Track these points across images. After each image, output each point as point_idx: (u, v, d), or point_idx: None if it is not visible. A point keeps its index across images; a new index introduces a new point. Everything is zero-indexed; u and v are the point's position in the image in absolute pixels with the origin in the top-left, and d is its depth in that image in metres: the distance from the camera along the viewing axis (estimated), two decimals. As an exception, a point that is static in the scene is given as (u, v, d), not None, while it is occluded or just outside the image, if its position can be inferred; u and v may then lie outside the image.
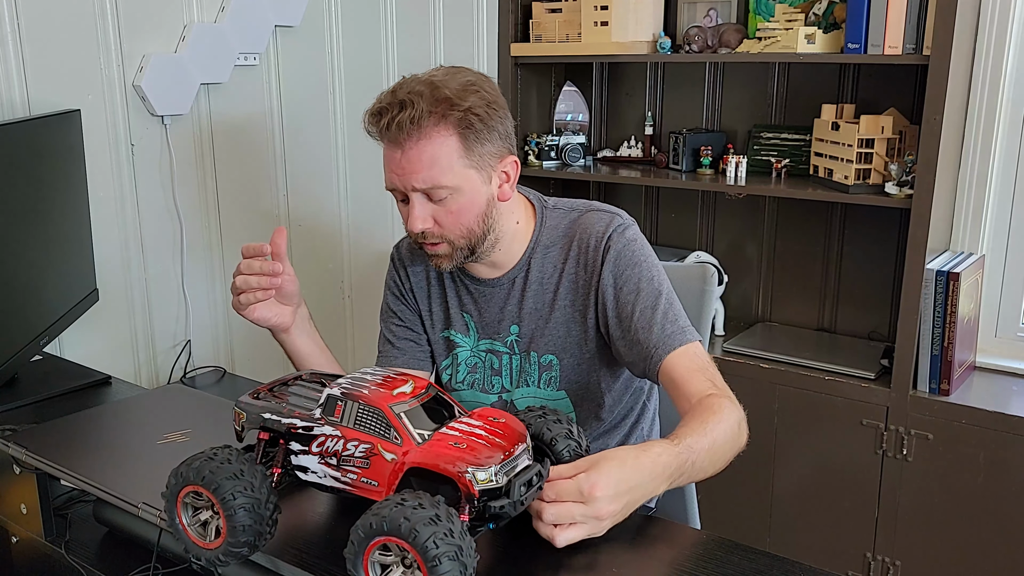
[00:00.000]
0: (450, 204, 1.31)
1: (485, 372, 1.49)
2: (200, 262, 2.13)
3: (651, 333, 1.32)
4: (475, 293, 1.47)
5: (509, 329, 1.46)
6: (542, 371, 1.45)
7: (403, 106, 1.27)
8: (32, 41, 1.75)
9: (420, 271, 1.53)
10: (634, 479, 1.02)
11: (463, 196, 1.31)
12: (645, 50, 2.59)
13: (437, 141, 1.28)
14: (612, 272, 1.37)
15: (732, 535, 1.10)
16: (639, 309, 1.34)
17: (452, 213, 1.32)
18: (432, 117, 1.27)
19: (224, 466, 0.93)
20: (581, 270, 1.40)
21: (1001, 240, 2.37)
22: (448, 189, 1.30)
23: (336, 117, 2.40)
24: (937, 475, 2.22)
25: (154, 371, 2.08)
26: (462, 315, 1.49)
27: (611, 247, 1.37)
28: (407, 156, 1.28)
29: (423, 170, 1.28)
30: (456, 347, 1.50)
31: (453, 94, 1.28)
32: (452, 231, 1.33)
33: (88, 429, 1.34)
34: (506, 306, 1.45)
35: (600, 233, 1.39)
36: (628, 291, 1.36)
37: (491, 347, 1.48)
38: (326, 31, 2.33)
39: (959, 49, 2.10)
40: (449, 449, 0.91)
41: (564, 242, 1.42)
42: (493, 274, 1.45)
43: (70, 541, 1.24)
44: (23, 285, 1.61)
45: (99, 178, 1.88)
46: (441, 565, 0.81)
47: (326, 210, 2.42)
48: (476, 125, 1.29)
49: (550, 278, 1.43)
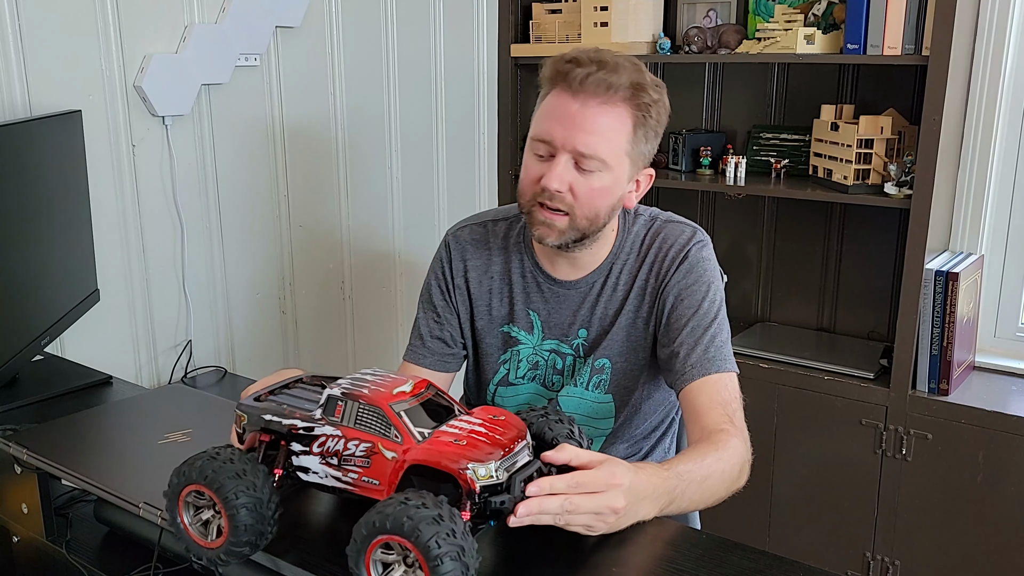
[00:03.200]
0: (594, 180, 1.29)
1: (547, 371, 1.47)
2: (201, 262, 2.13)
3: (693, 351, 1.32)
4: (547, 293, 1.45)
5: (578, 332, 1.44)
6: (594, 374, 1.44)
7: (604, 66, 1.25)
8: (33, 41, 1.75)
9: (482, 263, 1.48)
10: (639, 490, 1.03)
11: (609, 178, 1.30)
12: (644, 51, 2.59)
13: (618, 115, 1.27)
14: (680, 283, 1.37)
15: (732, 535, 1.10)
16: (691, 325, 1.34)
17: (593, 189, 1.30)
18: (627, 91, 1.26)
19: (227, 466, 0.94)
20: (652, 278, 1.40)
21: (1000, 240, 2.37)
22: (603, 164, 1.28)
23: (336, 117, 2.40)
24: (936, 475, 2.22)
25: (155, 371, 2.08)
26: (528, 312, 1.46)
27: (688, 259, 1.38)
28: (585, 114, 1.26)
29: (595, 135, 1.26)
30: (517, 344, 1.47)
31: (649, 83, 1.29)
32: (583, 207, 1.30)
33: (89, 429, 1.34)
34: (580, 310, 1.44)
35: (681, 244, 1.39)
36: (688, 305, 1.36)
37: (556, 348, 1.46)
38: (326, 31, 2.33)
39: (958, 49, 2.10)
40: (449, 446, 0.91)
41: (642, 249, 1.42)
42: (574, 275, 1.43)
43: (71, 541, 1.24)
44: (24, 285, 1.61)
45: (100, 178, 1.88)
46: (443, 565, 0.82)
47: (326, 210, 2.42)
48: (651, 121, 1.30)
49: (624, 284, 1.42)
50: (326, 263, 2.46)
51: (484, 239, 1.49)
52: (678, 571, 1.01)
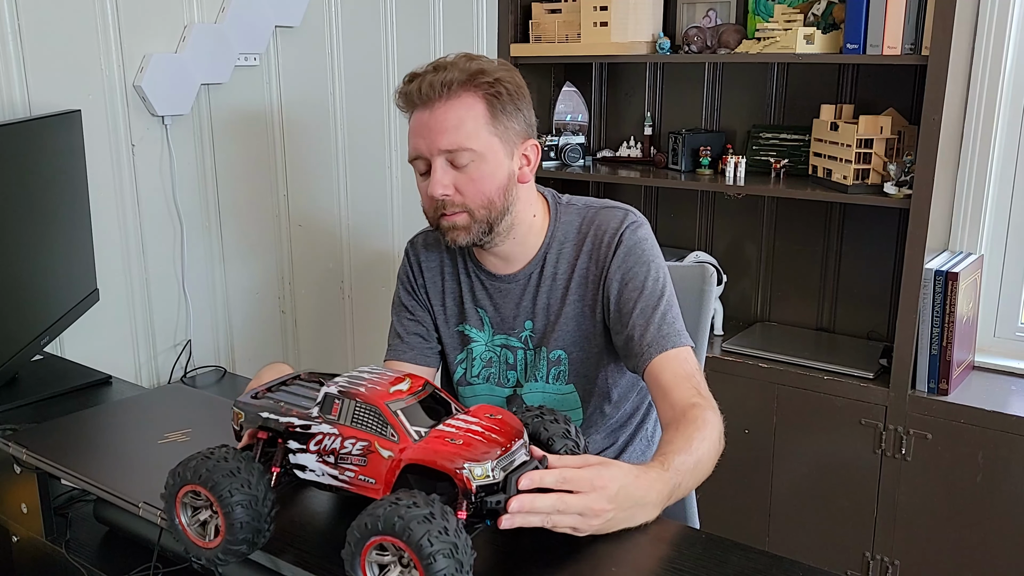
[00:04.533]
0: (472, 171, 1.33)
1: (500, 367, 1.50)
2: (200, 262, 2.13)
3: (647, 331, 1.34)
4: (490, 289, 1.49)
5: (524, 324, 1.48)
6: (551, 366, 1.46)
7: (437, 69, 1.33)
8: (32, 41, 1.75)
9: (435, 266, 1.54)
10: (634, 495, 1.03)
11: (486, 164, 1.33)
12: (644, 50, 2.59)
13: (466, 103, 1.32)
14: (620, 267, 1.39)
15: (731, 534, 1.10)
16: (640, 307, 1.36)
17: (474, 181, 1.33)
18: (464, 83, 1.31)
19: (221, 464, 0.94)
20: (592, 265, 1.42)
21: (1000, 240, 2.37)
22: (472, 153, 1.32)
23: (336, 117, 2.40)
24: (936, 474, 2.22)
25: (154, 371, 2.08)
26: (476, 310, 1.50)
27: (623, 242, 1.40)
28: (435, 116, 1.31)
29: (450, 131, 1.31)
30: (471, 342, 1.51)
31: (486, 65, 1.34)
32: (473, 199, 1.34)
33: (89, 429, 1.34)
34: (521, 302, 1.47)
35: (614, 229, 1.41)
36: (633, 287, 1.38)
37: (506, 342, 1.49)
38: (326, 31, 2.33)
39: (958, 49, 2.10)
40: (446, 445, 0.91)
41: (578, 238, 1.44)
42: (509, 269, 1.47)
43: (71, 540, 1.24)
44: (24, 285, 1.61)
45: (100, 178, 1.88)
46: (436, 563, 0.82)
47: (326, 210, 2.42)
48: (503, 96, 1.34)
49: (563, 273, 1.45)
50: (326, 263, 2.46)
51: (436, 243, 1.54)
52: (678, 571, 1.01)
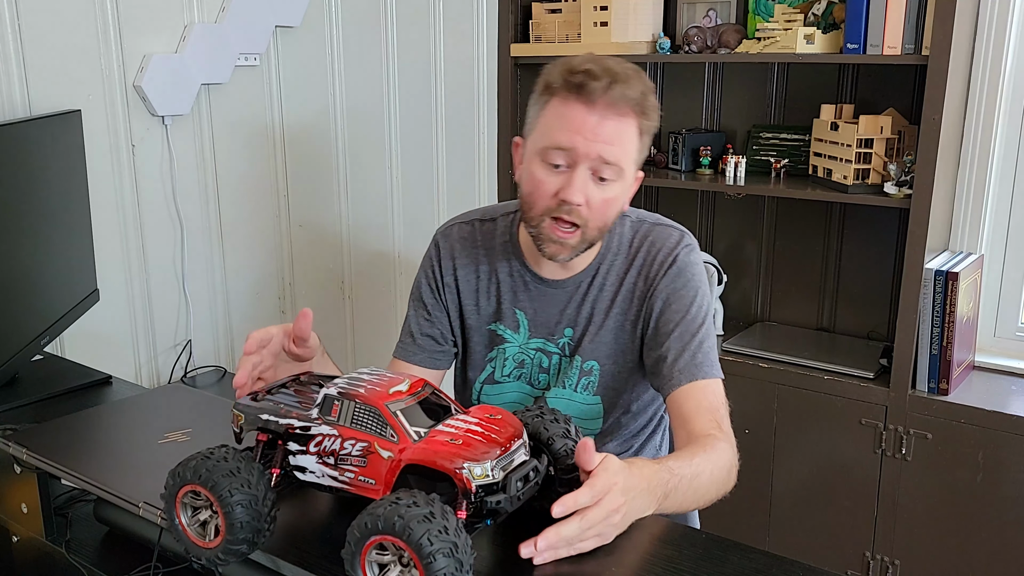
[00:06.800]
0: (608, 190, 1.30)
1: (533, 368, 1.47)
2: (200, 262, 2.14)
3: (680, 357, 1.33)
4: (534, 291, 1.45)
5: (564, 331, 1.45)
6: (582, 375, 1.44)
7: (618, 79, 1.26)
8: (32, 41, 1.75)
9: (471, 262, 1.49)
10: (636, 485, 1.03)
11: (621, 187, 1.32)
12: (644, 50, 2.59)
13: (629, 125, 1.29)
14: (668, 287, 1.38)
15: (731, 535, 1.10)
16: (679, 330, 1.35)
17: (606, 200, 1.31)
18: (637, 104, 1.28)
19: (220, 464, 0.94)
20: (640, 280, 1.41)
21: (1000, 240, 2.37)
22: (620, 172, 1.30)
23: (336, 117, 2.40)
24: (936, 474, 2.22)
25: (154, 371, 2.08)
26: (515, 311, 1.47)
27: (676, 263, 1.39)
28: (604, 125, 1.27)
29: (615, 145, 1.27)
30: (503, 342, 1.48)
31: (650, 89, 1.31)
32: (596, 218, 1.32)
33: (89, 429, 1.34)
34: (566, 308, 1.44)
35: (669, 248, 1.40)
36: (676, 309, 1.37)
37: (542, 346, 1.46)
38: (326, 31, 2.34)
39: (958, 49, 2.10)
40: (445, 446, 0.91)
41: (630, 252, 1.43)
42: (561, 275, 1.44)
43: (71, 540, 1.24)
44: (24, 285, 1.61)
45: (100, 178, 1.89)
46: (436, 562, 0.82)
47: (326, 210, 2.42)
48: (650, 131, 1.32)
49: (611, 285, 1.43)
50: (326, 263, 2.46)
51: (472, 237, 1.50)
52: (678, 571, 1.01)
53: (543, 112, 1.32)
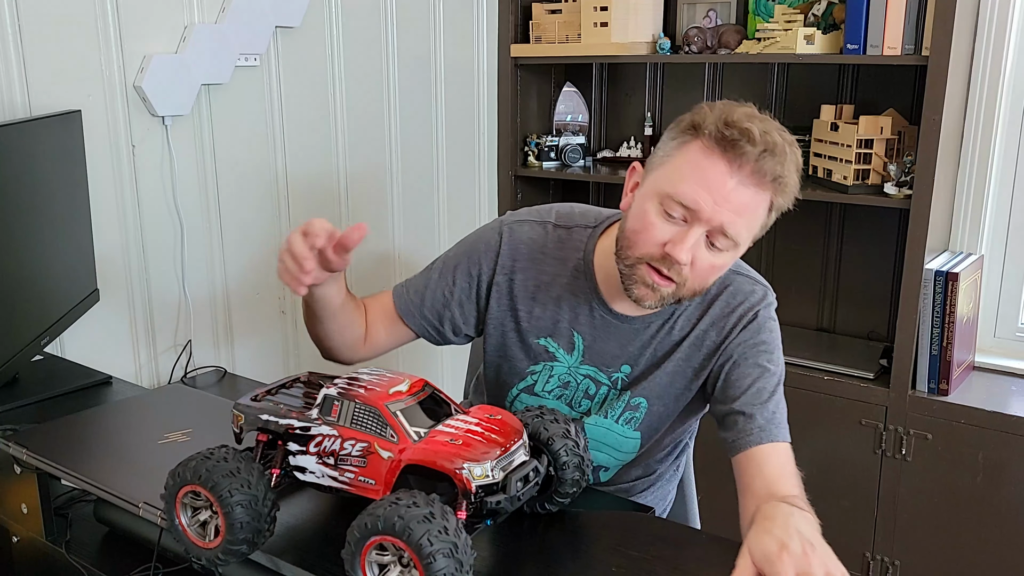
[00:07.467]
0: (716, 258, 1.24)
1: (578, 393, 1.41)
2: (200, 262, 2.13)
3: (760, 414, 1.28)
4: (598, 320, 1.37)
5: (620, 367, 1.38)
6: (627, 410, 1.39)
7: (774, 151, 1.18)
8: (32, 41, 1.75)
9: (533, 266, 1.39)
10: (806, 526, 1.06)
11: (731, 256, 1.26)
12: (645, 51, 2.59)
13: (762, 199, 1.22)
14: (745, 343, 1.33)
15: (732, 535, 1.10)
16: (756, 387, 1.30)
17: (713, 266, 1.25)
18: (779, 180, 1.21)
19: (220, 464, 0.94)
20: (713, 331, 1.35)
21: (1000, 240, 2.37)
22: (735, 245, 1.24)
23: (336, 117, 2.40)
24: (936, 475, 2.22)
25: (154, 371, 2.08)
26: (572, 332, 1.38)
27: (756, 320, 1.34)
28: (740, 193, 1.19)
29: (742, 216, 1.21)
30: (553, 360, 1.40)
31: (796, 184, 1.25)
32: (696, 281, 1.25)
33: (89, 429, 1.34)
34: (629, 345, 1.37)
35: (751, 304, 1.35)
36: (753, 364, 1.32)
37: (593, 375, 1.39)
38: (326, 31, 2.33)
39: (958, 49, 2.10)
40: (445, 446, 0.92)
41: (706, 298, 1.36)
42: (633, 311, 1.36)
43: (71, 541, 1.24)
44: (24, 285, 1.61)
45: (100, 179, 1.89)
46: (436, 562, 0.82)
47: (326, 210, 2.42)
48: (780, 209, 1.27)
49: (680, 329, 1.36)
50: (326, 263, 2.46)
51: (543, 242, 1.40)
52: (678, 571, 1.01)
53: (680, 152, 1.22)
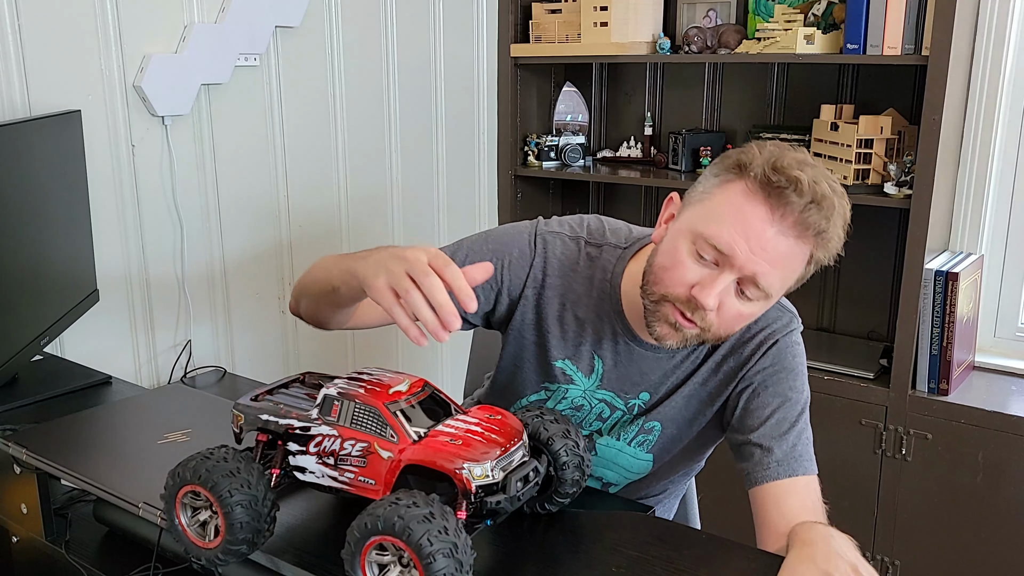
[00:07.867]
0: (745, 307, 1.17)
1: (590, 415, 1.36)
2: (200, 262, 2.13)
3: (779, 446, 1.22)
4: (621, 346, 1.31)
5: (639, 394, 1.34)
6: (640, 433, 1.36)
7: (821, 204, 1.12)
8: (32, 41, 1.75)
9: (561, 283, 1.32)
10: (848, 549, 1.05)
11: (761, 308, 1.20)
12: (644, 51, 2.59)
13: (802, 251, 1.15)
14: (764, 370, 1.28)
15: (732, 535, 1.10)
16: (776, 417, 1.24)
17: (740, 315, 1.18)
18: (822, 234, 1.14)
19: (220, 464, 0.94)
20: (731, 357, 1.30)
21: (1000, 240, 2.37)
22: (767, 297, 1.17)
23: (336, 117, 2.40)
24: (936, 475, 2.22)
25: (154, 371, 2.08)
26: (593, 356, 1.33)
27: (776, 345, 1.29)
28: (779, 243, 1.12)
29: (779, 268, 1.14)
30: (569, 382, 1.35)
31: (840, 239, 1.19)
32: (722, 328, 1.18)
33: (88, 429, 1.34)
34: (651, 374, 1.32)
35: (773, 330, 1.29)
36: (773, 393, 1.26)
37: (609, 400, 1.35)
38: (326, 31, 2.33)
39: (958, 49, 2.10)
40: (445, 446, 0.91)
41: None
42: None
43: (70, 541, 1.24)
44: (23, 285, 1.61)
45: (99, 179, 1.89)
46: (436, 562, 0.82)
47: (326, 210, 2.42)
48: (819, 263, 1.20)
49: (699, 354, 1.31)
50: (326, 263, 2.46)
51: (574, 259, 1.33)
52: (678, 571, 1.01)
53: (720, 191, 1.16)
